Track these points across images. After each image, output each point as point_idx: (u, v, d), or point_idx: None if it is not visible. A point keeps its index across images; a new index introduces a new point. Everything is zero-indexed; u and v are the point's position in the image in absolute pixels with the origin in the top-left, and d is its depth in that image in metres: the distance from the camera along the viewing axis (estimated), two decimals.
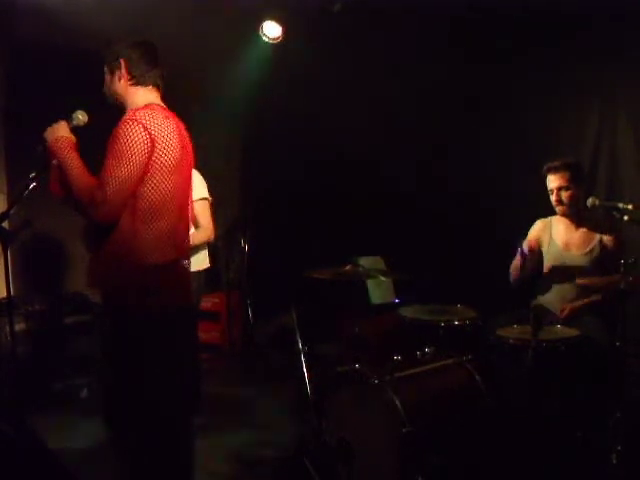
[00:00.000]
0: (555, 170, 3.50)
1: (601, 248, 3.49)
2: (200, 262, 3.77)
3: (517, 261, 3.51)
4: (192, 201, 3.45)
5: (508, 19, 4.23)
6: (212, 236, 3.78)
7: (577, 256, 3.51)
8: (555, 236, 3.61)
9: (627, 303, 3.03)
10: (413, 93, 4.76)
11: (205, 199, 3.77)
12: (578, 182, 3.50)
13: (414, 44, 4.64)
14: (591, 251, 3.50)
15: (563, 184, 3.47)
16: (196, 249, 3.66)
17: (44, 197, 2.53)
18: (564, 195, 3.49)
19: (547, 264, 3.62)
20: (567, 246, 3.56)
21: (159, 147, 2.32)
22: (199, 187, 3.70)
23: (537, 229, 3.72)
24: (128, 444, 2.49)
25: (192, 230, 3.52)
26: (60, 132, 2.41)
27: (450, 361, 3.08)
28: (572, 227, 3.58)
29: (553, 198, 3.53)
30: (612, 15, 3.94)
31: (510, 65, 4.47)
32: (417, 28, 4.52)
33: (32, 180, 2.50)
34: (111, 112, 2.56)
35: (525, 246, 3.44)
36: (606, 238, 3.49)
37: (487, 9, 4.07)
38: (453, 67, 4.65)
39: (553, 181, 3.51)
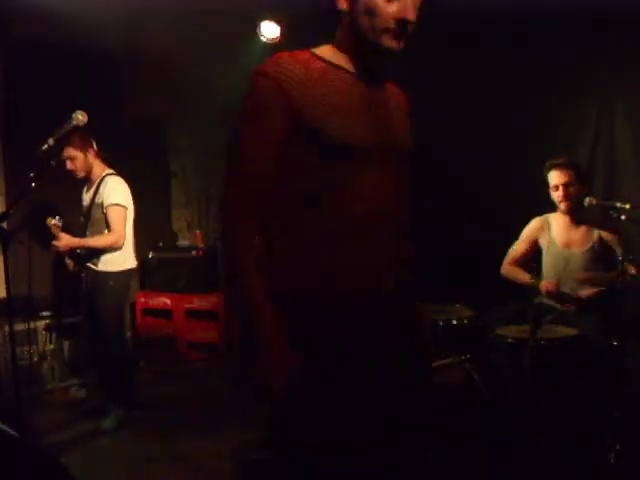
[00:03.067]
0: (561, 167, 3.49)
1: (601, 244, 3.48)
2: (120, 263, 3.84)
3: (524, 277, 3.46)
4: (107, 206, 3.73)
5: (508, 19, 4.23)
6: (118, 242, 3.78)
7: (578, 254, 3.50)
8: (554, 235, 3.60)
9: (625, 302, 3.03)
10: (411, 92, 4.75)
11: (117, 205, 3.77)
12: (581, 181, 3.51)
13: (413, 44, 4.63)
14: (592, 248, 3.49)
15: (569, 181, 3.46)
16: (104, 251, 3.78)
17: (43, 197, 2.53)
18: (570, 191, 3.48)
19: (547, 263, 3.62)
20: (567, 244, 3.55)
21: None
22: (113, 193, 3.76)
23: (534, 227, 3.70)
24: None
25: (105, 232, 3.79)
26: None
27: (448, 360, 3.07)
28: (571, 225, 3.56)
29: (559, 194, 3.50)
30: (612, 15, 3.94)
31: (509, 65, 4.47)
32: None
33: (32, 180, 2.50)
34: (110, 112, 2.57)
35: (543, 288, 3.40)
36: (605, 234, 3.49)
37: (487, 9, 4.07)
38: (452, 67, 4.65)
39: (559, 177, 3.49)
